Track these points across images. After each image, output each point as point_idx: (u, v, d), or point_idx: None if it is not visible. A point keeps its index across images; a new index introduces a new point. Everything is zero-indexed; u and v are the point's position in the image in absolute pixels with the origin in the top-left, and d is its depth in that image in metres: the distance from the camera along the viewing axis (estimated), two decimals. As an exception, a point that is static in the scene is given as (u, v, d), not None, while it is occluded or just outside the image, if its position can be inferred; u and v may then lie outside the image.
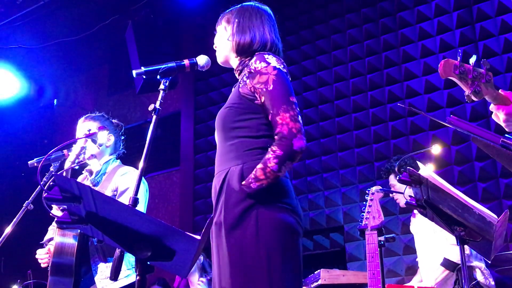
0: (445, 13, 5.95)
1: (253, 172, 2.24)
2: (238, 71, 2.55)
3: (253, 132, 2.36)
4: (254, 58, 2.41)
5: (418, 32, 6.08)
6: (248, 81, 2.39)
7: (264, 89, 2.32)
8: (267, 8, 2.67)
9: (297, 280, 2.28)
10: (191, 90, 7.88)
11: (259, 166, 2.24)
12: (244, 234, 2.22)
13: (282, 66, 2.41)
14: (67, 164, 3.31)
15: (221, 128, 2.43)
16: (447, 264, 4.22)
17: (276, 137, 2.28)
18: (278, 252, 2.21)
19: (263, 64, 2.36)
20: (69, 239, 3.24)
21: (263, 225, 2.21)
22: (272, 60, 2.39)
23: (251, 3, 2.66)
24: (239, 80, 2.48)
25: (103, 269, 3.28)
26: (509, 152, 1.66)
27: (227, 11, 2.66)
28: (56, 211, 3.22)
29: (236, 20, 2.56)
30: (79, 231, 3.24)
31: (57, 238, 3.27)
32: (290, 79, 2.44)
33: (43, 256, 3.46)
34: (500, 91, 1.96)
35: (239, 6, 2.64)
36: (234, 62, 2.58)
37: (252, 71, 2.38)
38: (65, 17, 7.18)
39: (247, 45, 2.51)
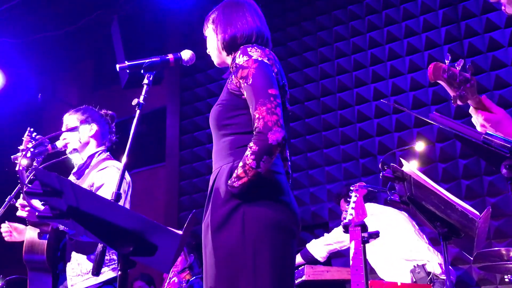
0: (431, 11, 5.99)
1: (235, 170, 2.19)
2: (232, 68, 2.48)
3: (242, 128, 2.31)
4: (239, 52, 2.37)
5: (404, 30, 6.11)
6: (233, 76, 2.35)
7: (245, 84, 2.28)
8: None
9: (286, 279, 2.20)
10: (177, 85, 7.85)
11: (240, 164, 2.18)
12: (230, 234, 2.16)
13: (267, 58, 2.35)
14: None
15: (214, 125, 2.39)
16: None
17: (254, 132, 2.21)
18: (266, 250, 2.14)
19: (245, 58, 2.31)
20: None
21: (249, 224, 2.15)
22: (255, 53, 2.34)
23: None
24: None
25: (75, 266, 3.21)
26: (490, 149, 1.68)
27: (211, 12, 2.59)
28: (21, 212, 3.18)
29: (219, 18, 2.51)
30: (50, 228, 3.22)
31: (28, 234, 3.24)
32: (276, 70, 2.39)
33: (4, 230, 3.49)
34: (482, 97, 2.00)
35: (220, 4, 2.58)
36: (228, 60, 2.52)
37: (237, 65, 2.33)
38: (50, 11, 7.12)
39: (232, 40, 2.45)
